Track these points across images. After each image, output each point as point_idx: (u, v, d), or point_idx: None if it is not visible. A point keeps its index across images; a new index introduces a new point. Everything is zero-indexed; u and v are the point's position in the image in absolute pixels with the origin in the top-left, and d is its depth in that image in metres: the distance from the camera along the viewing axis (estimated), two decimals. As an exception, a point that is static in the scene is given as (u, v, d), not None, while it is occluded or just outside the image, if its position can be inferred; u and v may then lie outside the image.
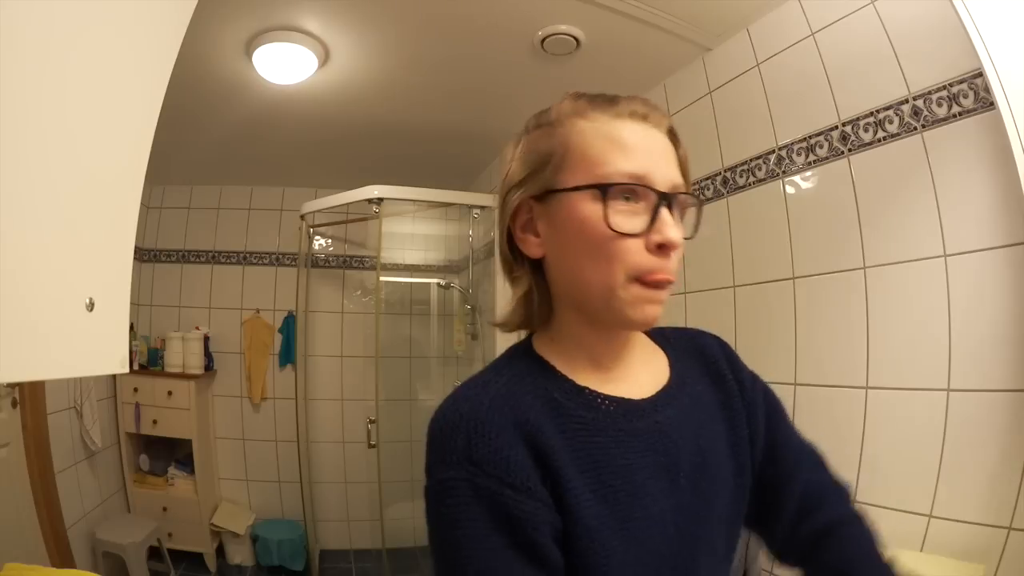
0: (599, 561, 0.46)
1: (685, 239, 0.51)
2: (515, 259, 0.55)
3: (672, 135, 0.54)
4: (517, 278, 0.56)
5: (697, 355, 0.63)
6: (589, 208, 0.49)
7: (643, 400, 0.54)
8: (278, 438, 3.39)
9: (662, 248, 0.49)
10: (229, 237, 3.47)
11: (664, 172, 0.50)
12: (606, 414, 0.52)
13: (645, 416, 0.53)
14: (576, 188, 0.50)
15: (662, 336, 0.63)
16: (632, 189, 0.49)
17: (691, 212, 0.54)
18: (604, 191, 0.48)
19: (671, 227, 0.49)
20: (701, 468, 0.54)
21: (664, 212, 0.49)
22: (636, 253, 0.49)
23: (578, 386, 0.52)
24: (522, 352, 0.56)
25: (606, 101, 0.53)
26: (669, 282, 0.50)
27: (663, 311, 0.52)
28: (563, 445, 0.48)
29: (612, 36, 1.85)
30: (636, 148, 0.50)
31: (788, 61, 1.61)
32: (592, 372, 0.54)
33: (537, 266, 0.55)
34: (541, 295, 0.55)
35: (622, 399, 0.53)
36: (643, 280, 0.49)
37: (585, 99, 0.54)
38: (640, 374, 0.57)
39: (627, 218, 0.49)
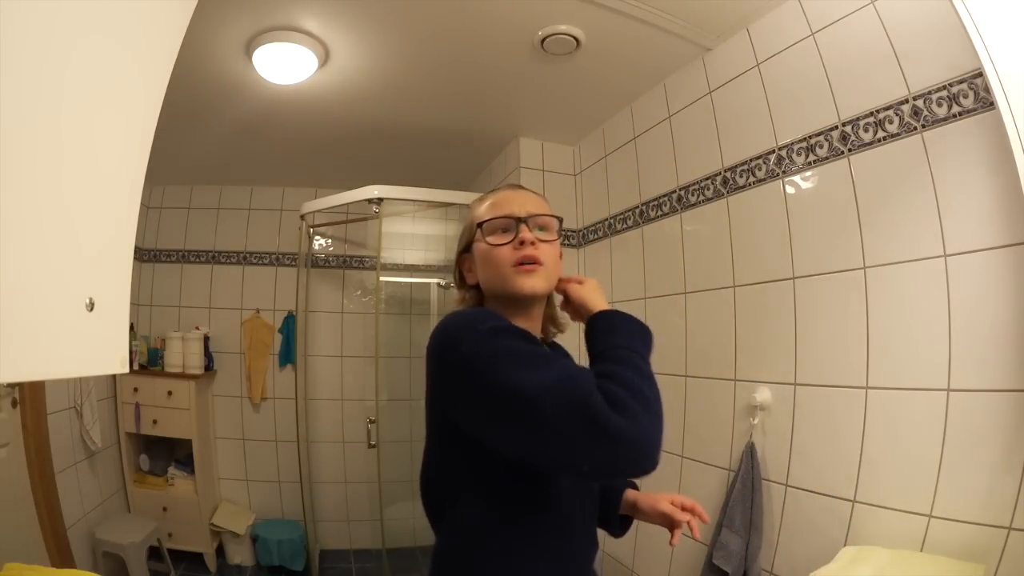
0: None
1: (547, 241, 0.87)
2: (462, 285, 0.95)
3: (537, 195, 0.93)
4: (464, 294, 0.94)
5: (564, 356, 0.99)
6: (482, 243, 0.88)
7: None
8: (278, 438, 3.39)
9: (522, 244, 0.84)
10: (229, 237, 3.47)
11: (520, 208, 0.87)
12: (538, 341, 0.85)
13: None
14: (475, 235, 0.90)
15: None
16: (502, 224, 0.86)
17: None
18: (480, 227, 0.88)
19: (525, 232, 0.84)
20: None
21: (522, 227, 0.85)
22: (509, 253, 0.85)
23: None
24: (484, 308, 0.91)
25: (491, 190, 0.94)
26: (534, 262, 0.84)
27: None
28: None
29: (612, 36, 1.85)
30: (502, 203, 0.89)
31: (788, 61, 1.61)
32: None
33: (472, 286, 0.93)
34: (477, 298, 0.92)
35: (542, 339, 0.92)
36: (517, 265, 0.84)
37: (484, 193, 0.95)
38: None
39: (501, 239, 0.86)
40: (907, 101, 1.30)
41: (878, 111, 1.36)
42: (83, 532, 2.52)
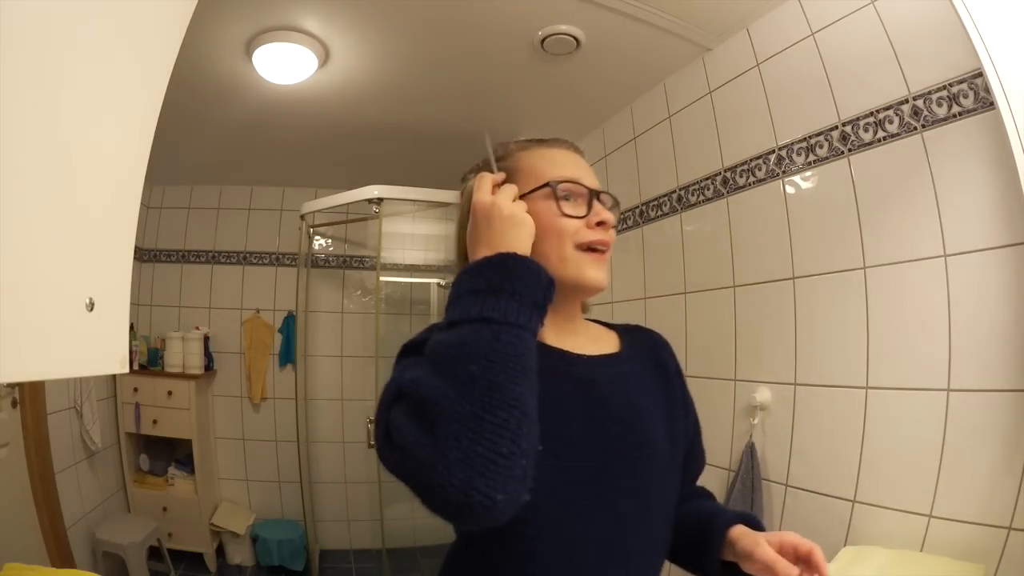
0: None
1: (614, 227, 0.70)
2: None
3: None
4: None
5: (647, 345, 0.81)
6: (541, 204, 0.67)
7: (584, 355, 0.71)
8: (278, 438, 3.39)
9: (601, 224, 0.68)
10: (229, 237, 3.47)
11: (590, 178, 0.70)
12: (548, 354, 0.66)
13: (582, 365, 0.69)
14: (532, 191, 0.67)
15: (621, 327, 0.82)
16: (570, 188, 0.68)
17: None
18: (554, 189, 0.67)
19: (605, 211, 0.69)
20: (630, 421, 0.68)
21: (596, 204, 0.69)
22: (579, 230, 0.67)
23: None
24: None
25: (538, 140, 0.75)
26: (607, 246, 0.68)
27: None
28: None
29: (612, 36, 1.85)
30: (566, 163, 0.71)
31: (788, 61, 1.61)
32: (545, 333, 0.67)
33: None
34: None
35: (564, 350, 0.69)
36: (588, 248, 0.67)
37: (523, 141, 0.75)
38: (586, 344, 0.73)
39: (574, 208, 0.67)
40: (907, 101, 1.30)
41: (878, 111, 1.36)
42: (83, 532, 2.52)
